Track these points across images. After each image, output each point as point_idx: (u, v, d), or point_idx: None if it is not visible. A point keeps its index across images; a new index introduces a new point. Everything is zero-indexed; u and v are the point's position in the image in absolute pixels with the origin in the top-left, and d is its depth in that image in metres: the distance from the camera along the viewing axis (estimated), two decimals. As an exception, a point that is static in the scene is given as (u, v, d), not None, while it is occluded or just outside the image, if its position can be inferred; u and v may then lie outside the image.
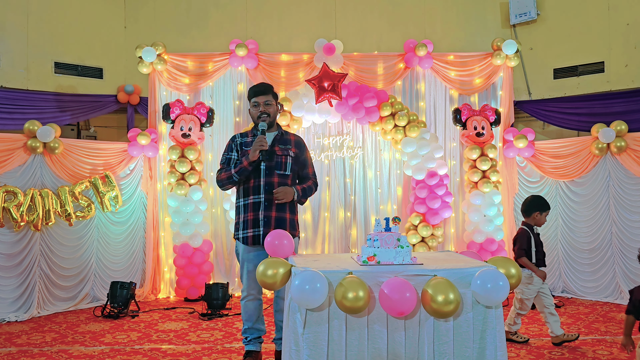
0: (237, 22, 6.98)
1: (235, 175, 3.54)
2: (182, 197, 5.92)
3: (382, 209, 6.35)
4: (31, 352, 4.11)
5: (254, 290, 3.62)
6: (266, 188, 3.55)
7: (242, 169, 3.52)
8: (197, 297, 5.88)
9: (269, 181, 3.56)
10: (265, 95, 3.64)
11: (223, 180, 3.62)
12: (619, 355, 3.91)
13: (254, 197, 3.57)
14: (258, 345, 3.72)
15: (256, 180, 3.57)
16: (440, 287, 2.54)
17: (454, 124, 6.31)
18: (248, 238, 3.57)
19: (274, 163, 3.57)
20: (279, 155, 3.60)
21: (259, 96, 3.63)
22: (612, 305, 5.47)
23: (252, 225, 3.56)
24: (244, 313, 3.67)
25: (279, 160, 3.60)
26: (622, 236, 5.62)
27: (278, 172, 3.58)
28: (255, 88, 3.69)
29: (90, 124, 6.96)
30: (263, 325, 3.75)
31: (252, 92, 3.67)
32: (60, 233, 5.56)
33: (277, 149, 3.61)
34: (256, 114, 3.63)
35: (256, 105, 3.63)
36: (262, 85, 3.73)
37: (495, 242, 6.08)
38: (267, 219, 3.54)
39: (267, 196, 3.55)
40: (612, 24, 6.25)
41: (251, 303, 3.65)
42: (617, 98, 6.10)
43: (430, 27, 6.96)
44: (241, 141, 3.69)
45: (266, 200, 3.55)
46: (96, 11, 6.86)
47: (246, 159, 3.49)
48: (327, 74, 5.92)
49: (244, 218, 3.61)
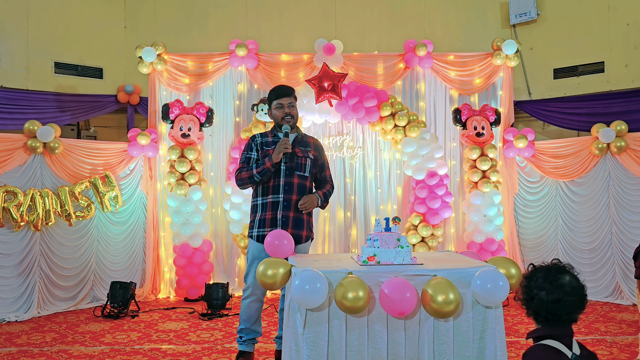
0: (237, 22, 6.98)
1: (257, 176, 3.54)
2: (182, 197, 5.92)
3: (382, 209, 6.35)
4: (31, 352, 4.11)
5: (259, 290, 3.59)
6: (285, 188, 3.55)
7: (264, 170, 3.52)
8: (197, 297, 5.88)
9: (289, 181, 3.56)
10: (289, 97, 3.65)
11: (244, 180, 3.61)
12: (619, 355, 3.91)
13: (272, 197, 3.56)
14: (252, 347, 3.69)
15: (276, 180, 3.56)
16: (440, 287, 2.54)
17: (454, 124, 6.31)
18: (264, 237, 3.51)
19: (294, 164, 3.58)
20: (299, 157, 3.60)
21: (283, 98, 3.63)
22: (612, 305, 5.47)
23: (269, 224, 3.55)
24: (244, 312, 3.64)
25: (299, 161, 3.60)
26: (622, 236, 5.62)
27: (298, 173, 3.58)
28: (279, 90, 3.68)
29: (90, 124, 6.96)
30: (260, 327, 3.73)
31: (276, 94, 3.66)
32: (60, 233, 5.56)
33: (298, 151, 3.61)
34: (280, 116, 3.62)
35: (280, 107, 3.62)
36: (286, 87, 3.72)
37: (495, 242, 6.08)
38: (286, 219, 3.53)
39: (285, 196, 3.54)
40: (612, 24, 6.25)
41: (254, 304, 3.62)
42: (617, 98, 6.10)
43: (430, 27, 6.96)
44: (261, 141, 3.68)
45: (285, 200, 3.54)
46: (96, 11, 6.86)
47: (269, 161, 3.50)
48: (327, 74, 5.92)
49: (261, 216, 3.60)
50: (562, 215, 6.03)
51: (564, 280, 1.80)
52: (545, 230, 6.14)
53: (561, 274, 1.82)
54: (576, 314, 1.82)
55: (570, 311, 1.80)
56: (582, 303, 1.82)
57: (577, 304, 1.80)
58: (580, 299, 1.81)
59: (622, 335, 4.43)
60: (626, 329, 4.61)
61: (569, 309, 1.80)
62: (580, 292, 1.81)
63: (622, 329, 4.62)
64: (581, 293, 1.81)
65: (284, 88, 3.70)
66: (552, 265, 1.87)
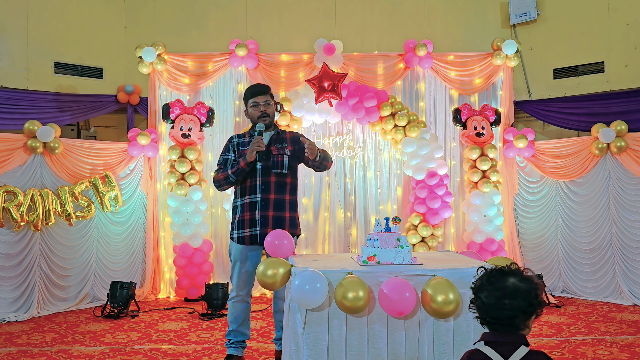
0: (237, 22, 6.98)
1: (232, 176, 3.52)
2: (182, 197, 5.92)
3: (382, 209, 6.35)
4: (31, 352, 4.11)
5: (243, 291, 3.57)
6: (262, 187, 3.51)
7: (239, 170, 3.49)
8: (197, 297, 5.88)
9: (266, 180, 3.52)
10: (264, 95, 3.61)
11: (220, 181, 3.59)
12: (619, 355, 3.91)
13: (250, 197, 3.54)
14: (240, 350, 3.65)
15: (253, 180, 3.53)
16: (440, 287, 2.55)
17: (454, 124, 6.31)
18: (244, 238, 3.54)
19: (270, 163, 3.54)
20: (275, 155, 3.55)
21: (259, 96, 3.60)
22: (612, 305, 5.47)
23: (248, 225, 3.52)
24: (230, 314, 3.62)
25: (275, 159, 3.55)
26: (622, 236, 5.62)
27: (275, 171, 3.54)
28: (254, 89, 3.66)
29: (90, 124, 6.96)
30: (248, 330, 3.68)
31: (251, 92, 3.63)
32: (60, 233, 5.56)
33: (273, 149, 3.57)
34: (256, 114, 3.59)
35: (256, 106, 3.59)
36: (261, 85, 3.70)
37: (495, 242, 6.08)
38: (265, 219, 3.50)
39: (263, 196, 3.51)
40: (612, 24, 6.25)
41: (239, 305, 3.59)
42: (617, 98, 6.10)
43: (430, 27, 6.96)
44: (238, 141, 3.66)
45: (262, 200, 3.50)
46: (96, 11, 6.86)
47: (243, 160, 3.46)
48: (327, 74, 5.92)
49: (239, 218, 3.57)
50: (562, 215, 6.03)
51: (506, 282, 1.71)
52: (545, 230, 6.13)
53: (505, 276, 1.73)
54: (519, 319, 1.70)
55: (511, 316, 1.69)
56: (528, 308, 1.69)
57: (520, 308, 1.69)
58: (525, 304, 1.69)
59: (622, 335, 4.43)
60: (626, 329, 4.61)
61: (508, 313, 1.69)
62: (525, 296, 1.69)
63: (622, 329, 4.62)
64: (526, 297, 1.69)
65: (260, 86, 3.68)
66: (499, 267, 1.78)
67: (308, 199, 6.33)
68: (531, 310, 1.71)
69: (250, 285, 3.62)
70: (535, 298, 1.71)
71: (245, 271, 3.57)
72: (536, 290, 1.72)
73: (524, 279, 1.74)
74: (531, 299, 1.70)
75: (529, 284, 1.72)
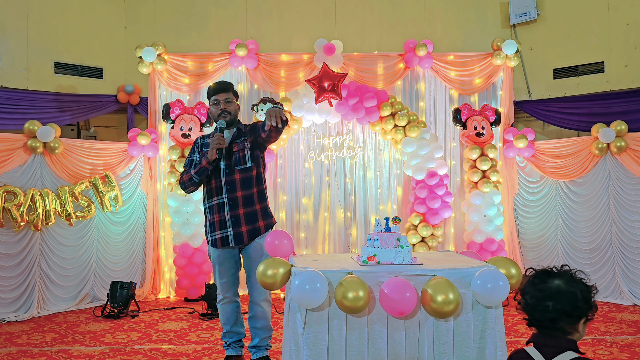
0: (237, 22, 6.98)
1: (195, 176, 3.45)
2: (182, 197, 5.92)
3: (382, 209, 6.35)
4: (31, 352, 4.11)
5: (229, 292, 3.56)
6: (228, 187, 3.44)
7: (201, 169, 3.43)
8: (197, 297, 5.87)
9: (230, 179, 3.45)
10: (226, 92, 3.53)
11: (185, 183, 3.52)
12: (619, 355, 3.91)
13: (217, 198, 3.48)
14: (239, 350, 3.64)
15: (217, 181, 3.47)
16: (440, 287, 2.55)
17: (454, 124, 6.31)
18: (216, 240, 3.49)
19: (233, 161, 3.46)
20: (236, 152, 3.48)
21: (220, 94, 3.52)
22: (612, 305, 5.47)
23: (219, 227, 3.47)
24: (222, 316, 3.60)
25: (237, 156, 3.47)
26: (622, 236, 5.62)
27: (238, 168, 3.46)
28: (216, 86, 3.59)
29: (90, 124, 6.96)
30: (242, 328, 3.67)
31: (212, 90, 3.55)
32: (60, 233, 5.56)
33: (234, 146, 3.49)
34: (216, 112, 3.51)
35: (216, 103, 3.51)
36: (223, 82, 3.64)
37: (495, 242, 6.08)
38: (236, 218, 3.44)
39: (230, 195, 3.44)
40: (612, 24, 6.25)
41: (227, 306, 3.58)
42: (617, 98, 6.10)
43: (430, 27, 6.96)
44: (202, 142, 3.61)
45: (230, 200, 3.44)
46: (96, 11, 6.86)
47: (205, 159, 3.40)
48: (327, 74, 5.92)
49: (210, 220, 3.52)
50: (562, 215, 6.03)
51: (550, 284, 1.67)
52: (545, 230, 6.13)
53: (550, 278, 1.69)
54: (563, 322, 1.65)
55: (553, 318, 1.64)
56: (574, 312, 1.64)
57: (563, 311, 1.63)
58: (570, 307, 1.64)
59: (622, 335, 4.43)
60: (626, 329, 4.61)
61: (550, 316, 1.64)
62: (570, 298, 1.64)
63: (622, 329, 4.62)
64: (571, 300, 1.64)
65: (221, 83, 3.62)
66: (546, 269, 1.74)
67: (308, 199, 6.33)
68: (577, 314, 1.65)
69: (235, 286, 3.59)
70: (584, 301, 1.65)
71: (226, 273, 3.53)
72: (585, 293, 1.66)
73: (570, 281, 1.68)
74: (577, 302, 1.64)
75: (576, 287, 1.66)
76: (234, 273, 3.56)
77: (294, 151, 6.35)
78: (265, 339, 3.61)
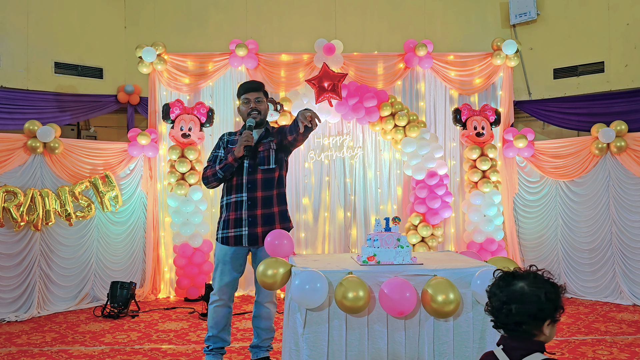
0: (237, 22, 6.98)
1: (219, 172, 3.42)
2: (182, 197, 5.92)
3: (382, 209, 6.35)
4: (31, 352, 4.11)
5: (226, 295, 3.46)
6: (249, 186, 3.41)
7: (226, 166, 3.41)
8: (197, 297, 5.87)
9: (252, 179, 3.42)
10: (256, 92, 3.52)
11: (208, 178, 3.49)
12: (619, 355, 3.91)
13: (236, 196, 3.44)
14: (219, 357, 3.51)
15: (239, 178, 3.44)
16: (440, 287, 2.55)
17: (454, 124, 6.31)
18: (229, 238, 3.44)
19: (257, 160, 3.44)
20: (261, 151, 3.47)
21: (250, 92, 3.51)
22: (612, 305, 5.47)
23: (233, 225, 3.43)
24: (211, 318, 3.48)
25: (261, 155, 3.46)
26: (622, 236, 5.62)
27: (262, 167, 3.44)
28: (247, 85, 3.58)
29: (90, 124, 6.96)
30: (229, 336, 3.57)
31: (243, 88, 3.55)
32: (60, 233, 5.56)
33: (260, 146, 3.48)
34: (246, 111, 3.50)
35: (247, 102, 3.51)
36: (254, 82, 3.64)
37: (495, 242, 6.08)
38: (253, 218, 3.40)
39: (249, 195, 3.40)
40: (612, 24, 6.25)
41: (220, 309, 3.47)
42: (617, 98, 6.10)
43: (430, 27, 6.96)
44: (229, 139, 3.60)
45: (249, 199, 3.41)
46: (96, 11, 6.86)
47: (231, 155, 3.38)
48: (327, 74, 5.92)
49: (225, 217, 3.48)
50: (562, 215, 6.03)
51: (514, 286, 1.65)
52: (545, 230, 6.13)
53: (515, 280, 1.67)
54: (528, 325, 1.63)
55: (517, 321, 1.63)
56: (538, 314, 1.62)
57: (527, 314, 1.62)
58: (534, 309, 1.62)
59: (622, 335, 4.43)
60: (626, 329, 4.61)
61: (515, 319, 1.63)
62: (534, 301, 1.62)
63: (622, 329, 4.62)
64: (535, 302, 1.62)
65: (251, 83, 3.61)
66: (513, 271, 1.72)
67: (308, 199, 6.33)
68: (542, 316, 1.63)
69: (233, 290, 3.50)
70: (548, 303, 1.63)
71: (229, 274, 3.45)
72: (550, 294, 1.64)
73: (535, 283, 1.65)
74: (541, 305, 1.62)
75: (541, 289, 1.64)
76: (235, 276, 3.48)
77: (294, 151, 6.33)
78: (267, 340, 3.58)
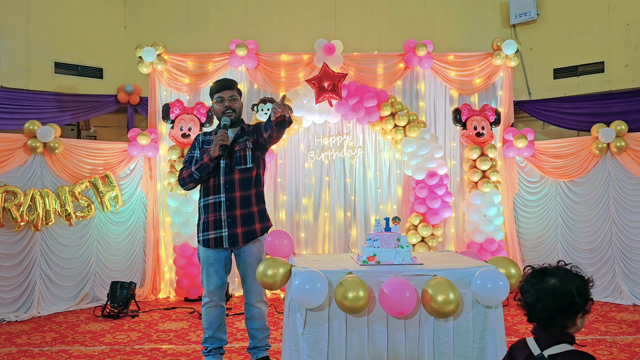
0: (237, 22, 6.98)
1: (195, 173, 3.38)
2: (182, 197, 5.92)
3: (382, 209, 6.35)
4: (31, 352, 4.11)
5: (216, 296, 3.46)
6: (226, 187, 3.37)
7: (202, 166, 3.36)
8: (197, 297, 5.87)
9: (229, 179, 3.38)
10: (230, 90, 3.46)
11: (185, 179, 3.45)
12: (619, 355, 3.91)
13: (214, 197, 3.41)
14: (219, 357, 3.53)
15: (216, 179, 3.40)
16: (440, 287, 2.55)
17: (454, 124, 6.31)
18: (209, 240, 3.41)
19: (233, 160, 3.39)
20: (237, 151, 3.41)
21: (224, 91, 3.45)
22: (612, 305, 5.47)
23: (213, 227, 3.40)
24: (205, 320, 3.49)
25: (237, 155, 3.41)
26: (622, 236, 5.62)
27: (239, 167, 3.39)
28: (220, 83, 3.51)
29: (90, 124, 6.96)
30: (225, 334, 3.57)
31: (217, 87, 3.47)
32: (60, 233, 5.56)
33: (236, 145, 3.43)
34: (221, 110, 3.43)
35: (221, 101, 3.44)
36: (227, 80, 3.57)
37: (495, 242, 6.08)
38: (232, 219, 3.37)
39: (227, 195, 3.37)
40: (612, 24, 6.25)
41: (212, 310, 3.47)
42: (617, 98, 6.10)
43: (430, 27, 6.96)
44: (204, 139, 3.54)
45: (227, 200, 3.37)
46: (96, 11, 6.86)
47: (207, 155, 3.33)
48: (327, 74, 5.92)
49: (204, 219, 3.45)
50: (562, 215, 6.03)
51: (546, 283, 1.73)
52: (545, 230, 6.13)
53: (545, 276, 1.75)
54: (559, 319, 1.72)
55: (549, 316, 1.72)
56: (568, 309, 1.71)
57: (557, 309, 1.70)
58: (565, 303, 1.70)
59: (622, 335, 4.43)
60: (626, 329, 4.61)
61: (547, 314, 1.71)
62: (564, 297, 1.70)
63: (622, 329, 4.62)
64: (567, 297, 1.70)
65: (225, 81, 3.55)
66: (542, 267, 1.80)
67: (308, 199, 6.33)
68: (574, 310, 1.71)
69: (222, 289, 3.50)
70: (579, 297, 1.70)
71: (216, 275, 3.44)
72: (580, 288, 1.71)
73: (565, 278, 1.73)
74: (573, 299, 1.70)
75: (571, 283, 1.71)
76: (222, 276, 3.47)
77: (294, 151, 6.35)
78: (263, 339, 3.58)
